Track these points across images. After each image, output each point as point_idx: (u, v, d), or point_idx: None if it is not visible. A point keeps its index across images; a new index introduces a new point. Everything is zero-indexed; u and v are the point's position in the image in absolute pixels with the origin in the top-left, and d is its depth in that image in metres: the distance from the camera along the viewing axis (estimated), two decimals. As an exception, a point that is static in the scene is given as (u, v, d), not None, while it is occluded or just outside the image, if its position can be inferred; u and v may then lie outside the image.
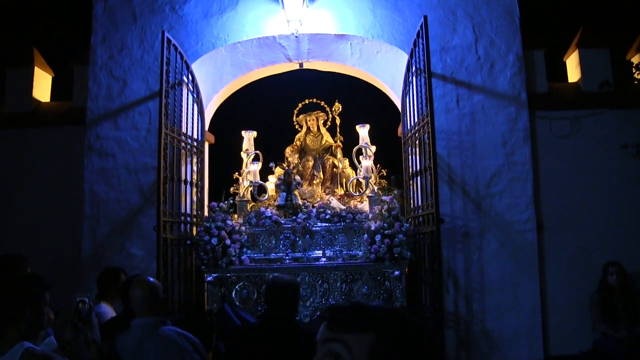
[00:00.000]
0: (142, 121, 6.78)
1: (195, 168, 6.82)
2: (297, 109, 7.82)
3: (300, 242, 6.55)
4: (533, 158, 6.68)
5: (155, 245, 5.76)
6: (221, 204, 6.50)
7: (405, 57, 6.59)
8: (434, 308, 5.77)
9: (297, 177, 6.98)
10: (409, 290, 6.12)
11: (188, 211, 6.55)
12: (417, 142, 6.32)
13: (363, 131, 7.05)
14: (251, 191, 7.04)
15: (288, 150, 7.77)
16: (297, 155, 7.70)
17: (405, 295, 5.99)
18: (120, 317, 4.54)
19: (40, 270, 4.44)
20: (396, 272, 5.97)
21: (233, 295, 6.12)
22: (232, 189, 6.99)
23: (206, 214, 6.75)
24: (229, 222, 6.35)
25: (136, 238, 6.55)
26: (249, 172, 7.03)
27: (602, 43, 7.30)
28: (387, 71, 7.18)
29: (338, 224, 6.54)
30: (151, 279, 3.49)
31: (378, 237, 5.97)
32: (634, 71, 7.23)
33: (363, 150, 6.94)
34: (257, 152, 7.07)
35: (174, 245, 6.13)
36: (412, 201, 6.56)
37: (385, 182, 6.86)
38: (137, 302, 3.30)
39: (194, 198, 6.73)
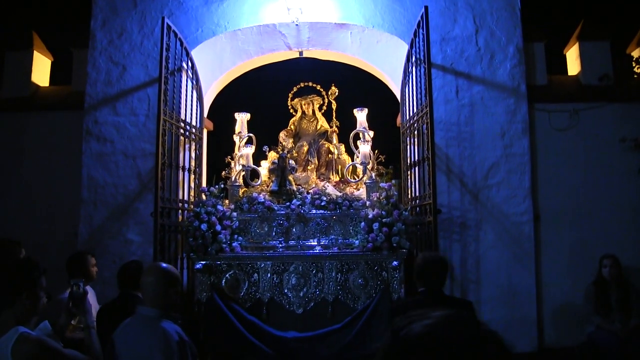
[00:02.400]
0: (140, 107, 6.77)
1: (193, 155, 6.81)
2: (292, 92, 7.75)
3: (294, 229, 6.33)
4: (531, 150, 6.69)
5: (152, 231, 5.77)
6: (212, 188, 6.32)
7: (405, 47, 6.58)
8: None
9: (292, 162, 6.80)
10: (408, 281, 5.90)
11: (185, 198, 6.54)
12: (415, 132, 6.31)
13: (361, 115, 6.92)
14: (243, 176, 6.88)
15: (282, 134, 7.64)
16: (291, 140, 7.55)
17: (404, 286, 5.81)
18: (115, 301, 4.56)
19: (37, 254, 4.45)
20: (394, 263, 5.74)
21: (223, 284, 5.91)
22: (223, 173, 6.82)
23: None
24: (219, 207, 6.12)
25: (133, 224, 6.56)
26: (241, 156, 6.85)
27: (602, 36, 7.28)
28: (387, 61, 7.16)
29: (334, 211, 6.31)
30: (165, 266, 3.23)
31: (376, 226, 5.79)
32: (633, 65, 7.23)
33: (361, 135, 6.79)
34: (250, 134, 6.91)
35: (171, 231, 6.13)
36: (409, 191, 6.55)
37: (384, 168, 6.76)
38: (146, 290, 3.08)
39: (192, 185, 6.72)
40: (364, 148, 6.68)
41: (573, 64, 7.56)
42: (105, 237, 6.54)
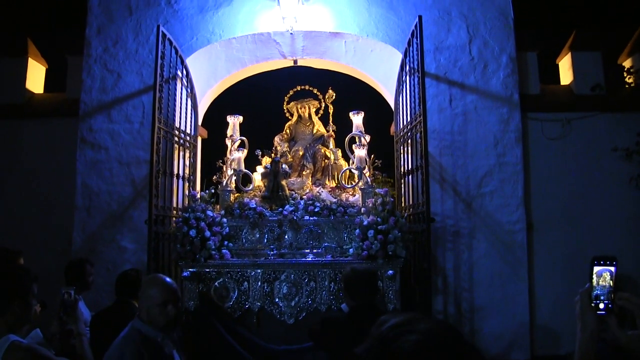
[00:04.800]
0: (135, 114, 6.77)
1: (187, 162, 6.81)
2: (287, 96, 7.71)
3: (286, 236, 6.26)
4: (524, 159, 6.72)
5: (147, 238, 5.75)
6: (202, 193, 6.27)
7: (399, 56, 6.61)
8: (423, 307, 5.74)
9: (285, 167, 6.74)
10: (403, 292, 5.88)
11: (180, 205, 6.53)
12: (409, 141, 6.33)
13: (357, 119, 6.88)
14: (235, 180, 6.82)
15: (277, 138, 7.58)
16: (286, 145, 7.48)
17: (400, 296, 5.74)
18: (110, 308, 4.55)
19: (30, 261, 4.44)
20: (390, 272, 5.66)
21: (211, 293, 5.81)
22: (214, 177, 6.79)
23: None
24: (209, 212, 6.04)
25: (127, 231, 6.54)
26: (233, 160, 6.78)
27: (594, 46, 7.33)
28: (381, 70, 7.20)
29: (328, 218, 6.24)
30: (168, 280, 3.14)
31: (371, 233, 5.70)
32: (625, 75, 7.29)
33: (356, 139, 6.75)
34: (242, 138, 6.87)
35: (165, 239, 6.11)
36: (403, 199, 6.57)
37: (380, 174, 6.75)
38: (145, 301, 3.02)
39: (186, 192, 6.71)
40: (360, 152, 6.65)
41: (565, 74, 7.60)
42: (99, 245, 6.52)
